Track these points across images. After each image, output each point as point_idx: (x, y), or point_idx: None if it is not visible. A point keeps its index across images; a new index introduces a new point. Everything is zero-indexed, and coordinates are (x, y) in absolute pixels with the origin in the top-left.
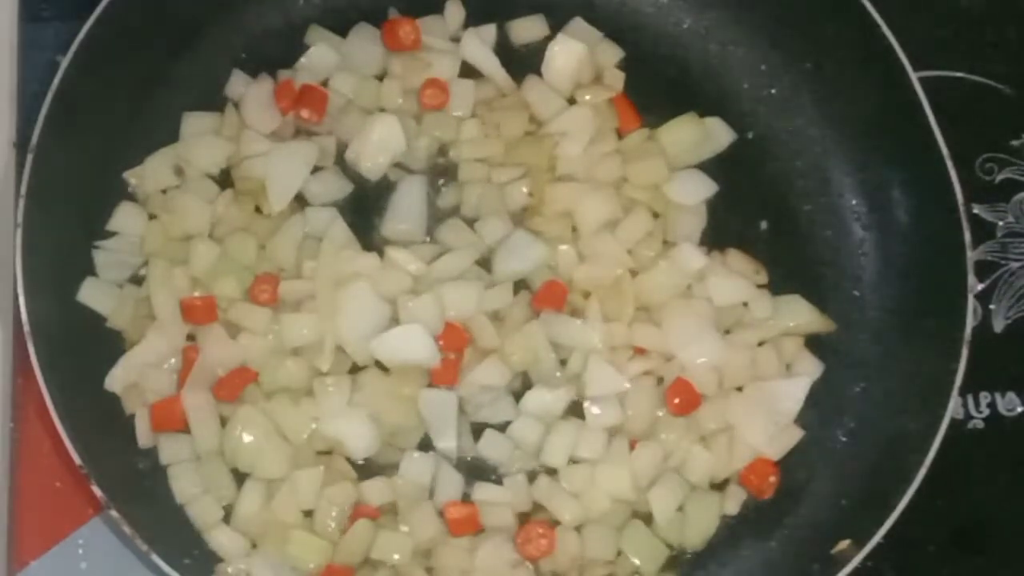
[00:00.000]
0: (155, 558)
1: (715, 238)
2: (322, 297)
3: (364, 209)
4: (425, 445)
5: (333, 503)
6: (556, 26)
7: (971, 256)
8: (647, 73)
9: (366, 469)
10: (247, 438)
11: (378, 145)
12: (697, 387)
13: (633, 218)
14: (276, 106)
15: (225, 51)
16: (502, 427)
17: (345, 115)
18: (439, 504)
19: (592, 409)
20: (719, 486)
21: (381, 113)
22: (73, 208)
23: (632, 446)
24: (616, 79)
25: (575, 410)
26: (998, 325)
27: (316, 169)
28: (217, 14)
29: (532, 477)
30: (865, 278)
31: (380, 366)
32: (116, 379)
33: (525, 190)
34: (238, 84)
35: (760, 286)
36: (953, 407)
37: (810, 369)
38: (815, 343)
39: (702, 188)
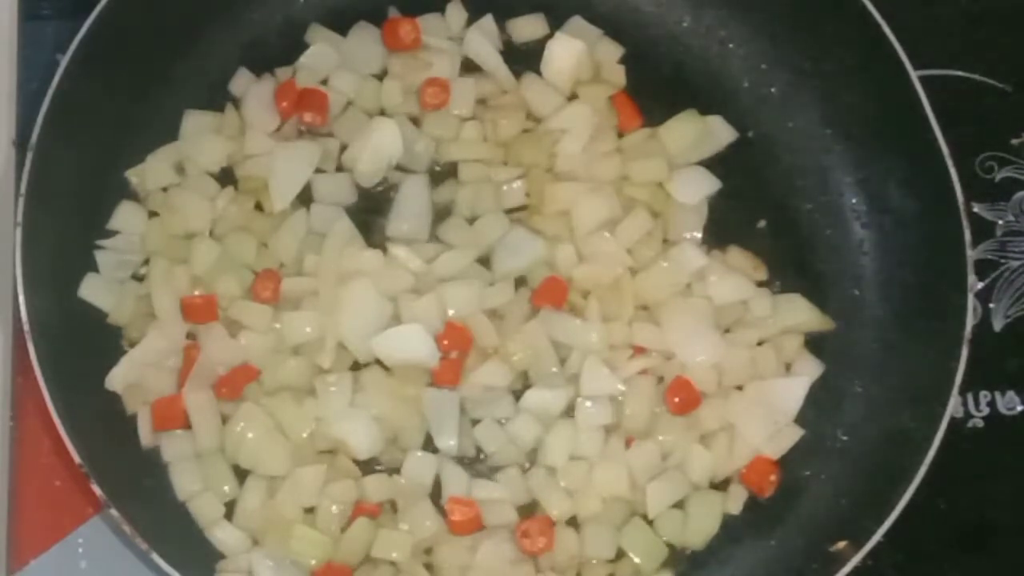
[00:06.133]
0: (155, 557)
1: (715, 237)
2: (324, 294)
3: (368, 208)
4: (429, 444)
5: (335, 500)
6: (556, 25)
7: (971, 255)
8: (647, 72)
9: (369, 467)
10: (249, 435)
11: (375, 150)
12: (697, 386)
13: (633, 217)
14: (277, 106)
15: (225, 51)
16: (501, 423)
17: (345, 116)
18: (445, 498)
19: (585, 407)
20: (721, 485)
21: (380, 118)
22: (73, 207)
23: (628, 444)
24: (617, 76)
25: (574, 409)
26: (998, 324)
27: (320, 171)
28: (217, 14)
29: (527, 470)
30: (865, 277)
31: (382, 365)
32: (116, 379)
33: (524, 190)
34: (242, 81)
35: (760, 285)
36: (953, 406)
37: (810, 368)
38: (815, 342)
39: (705, 185)
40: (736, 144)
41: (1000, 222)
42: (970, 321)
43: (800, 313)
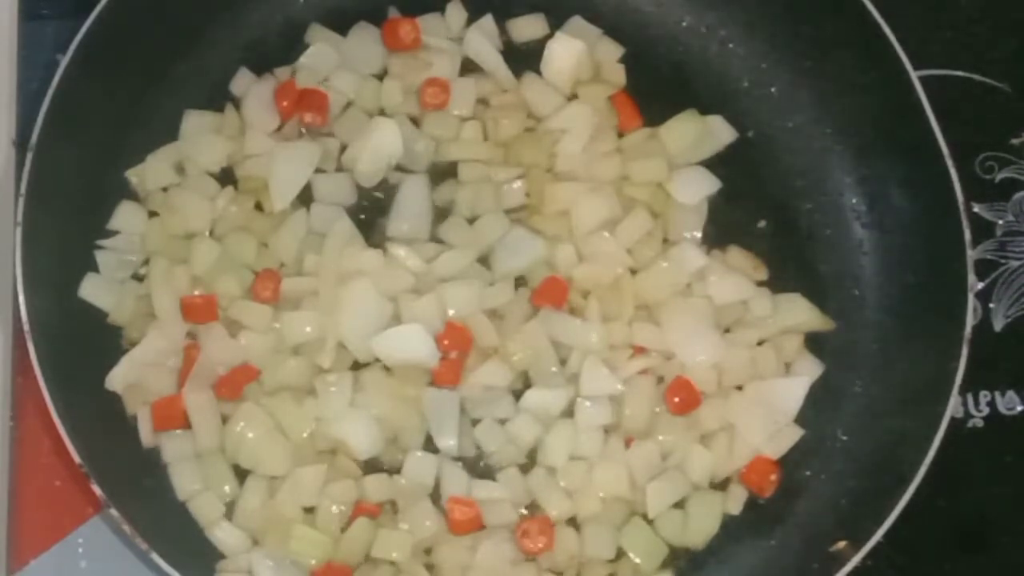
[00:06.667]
0: (155, 557)
1: (715, 237)
2: (324, 294)
3: (368, 208)
4: (429, 444)
5: (335, 500)
6: (556, 25)
7: (971, 255)
8: (647, 71)
9: (370, 467)
10: (249, 435)
11: (376, 150)
12: (697, 386)
13: (633, 217)
14: (277, 106)
15: (225, 51)
16: (501, 423)
17: (345, 116)
18: (444, 498)
19: (585, 407)
20: (721, 485)
21: (380, 118)
22: (73, 207)
23: (628, 444)
24: (617, 76)
25: (574, 409)
26: (998, 324)
27: (320, 171)
28: (217, 14)
29: (527, 470)
30: (865, 277)
31: (382, 365)
32: (116, 379)
33: (524, 191)
34: (242, 81)
35: (760, 284)
36: (953, 406)
37: (810, 368)
38: (815, 342)
39: (705, 185)
40: (736, 144)
41: (1000, 222)
42: (970, 321)
43: (800, 313)
